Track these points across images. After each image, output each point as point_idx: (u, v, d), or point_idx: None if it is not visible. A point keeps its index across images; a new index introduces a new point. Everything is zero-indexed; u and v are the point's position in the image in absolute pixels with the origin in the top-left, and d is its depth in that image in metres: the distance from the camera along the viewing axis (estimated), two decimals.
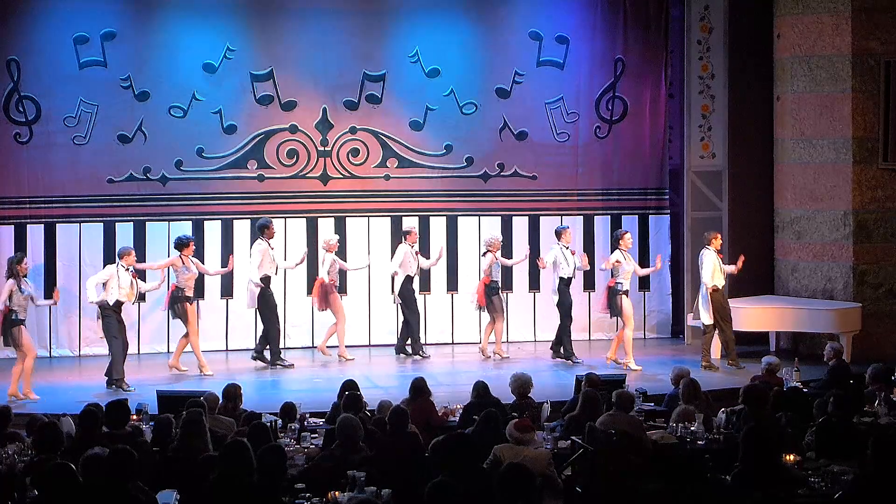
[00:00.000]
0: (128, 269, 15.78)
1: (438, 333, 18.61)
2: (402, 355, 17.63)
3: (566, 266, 17.13)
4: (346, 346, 17.59)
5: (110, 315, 15.69)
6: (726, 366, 16.62)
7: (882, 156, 17.64)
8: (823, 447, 10.11)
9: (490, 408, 11.04)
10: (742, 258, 17.05)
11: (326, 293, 17.36)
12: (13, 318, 14.92)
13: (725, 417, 11.36)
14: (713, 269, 16.64)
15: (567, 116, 18.72)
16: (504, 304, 17.76)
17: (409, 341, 17.65)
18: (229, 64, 18.03)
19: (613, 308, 16.87)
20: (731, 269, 17.05)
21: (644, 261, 18.58)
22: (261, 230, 17.08)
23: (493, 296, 17.45)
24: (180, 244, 16.50)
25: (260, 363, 16.98)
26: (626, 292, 16.81)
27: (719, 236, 17.02)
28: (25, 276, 15.18)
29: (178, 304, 16.35)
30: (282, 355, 17.02)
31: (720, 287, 16.72)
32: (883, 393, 12.32)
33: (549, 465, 9.58)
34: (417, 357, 17.47)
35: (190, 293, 16.45)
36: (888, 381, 12.96)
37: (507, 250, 18.45)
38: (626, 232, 17.28)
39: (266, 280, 16.96)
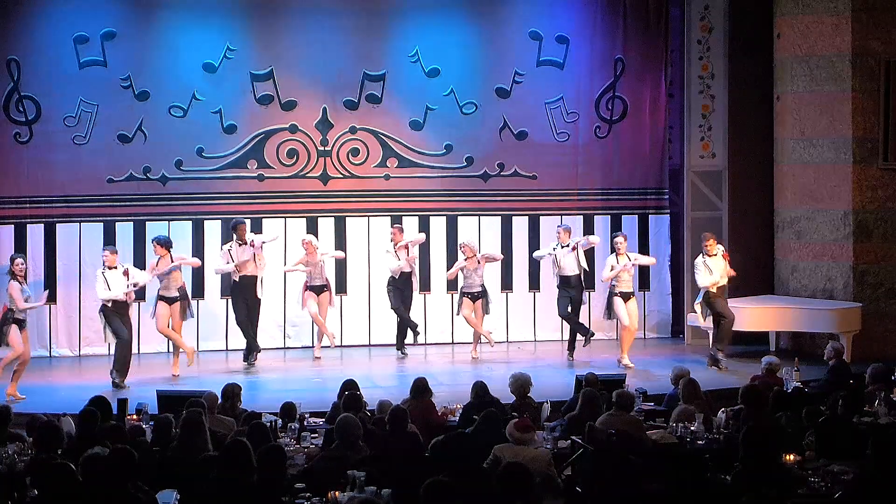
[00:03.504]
0: (112, 268, 15.77)
1: (438, 333, 18.61)
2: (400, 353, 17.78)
3: (555, 266, 17.15)
4: (345, 346, 17.92)
5: (108, 312, 15.78)
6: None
7: (882, 156, 17.63)
8: (823, 447, 10.11)
9: (490, 407, 11.04)
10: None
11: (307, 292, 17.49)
12: (10, 316, 14.97)
13: (725, 417, 11.37)
14: (704, 271, 16.64)
15: (567, 116, 18.72)
16: (472, 313, 17.43)
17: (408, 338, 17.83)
18: (229, 64, 18.04)
19: (609, 310, 16.96)
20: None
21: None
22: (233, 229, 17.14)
23: (460, 299, 17.54)
24: (166, 244, 16.46)
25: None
26: (620, 294, 16.83)
27: (711, 241, 16.84)
28: (18, 276, 15.18)
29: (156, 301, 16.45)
30: (254, 357, 17.01)
31: (719, 285, 16.69)
32: (883, 393, 12.30)
33: (549, 465, 9.58)
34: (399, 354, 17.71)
35: (167, 293, 16.36)
36: (888, 381, 12.95)
37: (507, 250, 18.50)
38: (616, 236, 17.23)
39: (242, 280, 16.92)
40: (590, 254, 17.64)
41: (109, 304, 15.76)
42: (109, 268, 15.80)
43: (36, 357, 16.66)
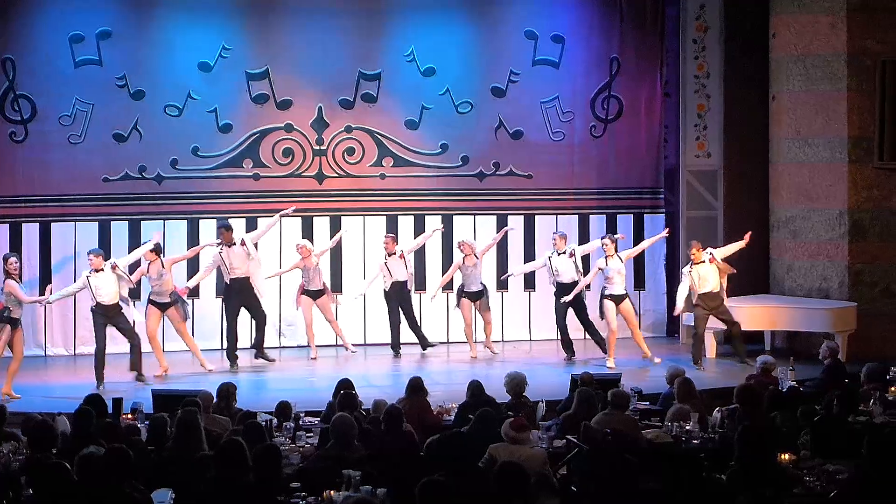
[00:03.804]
0: (99, 271, 15.75)
1: (434, 333, 18.58)
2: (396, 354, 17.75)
3: (552, 273, 17.20)
4: (340, 346, 17.96)
5: (94, 316, 15.88)
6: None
7: (877, 155, 17.64)
8: (819, 446, 10.11)
9: (485, 407, 11.04)
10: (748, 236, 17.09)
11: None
12: (6, 315, 14.99)
13: (720, 416, 11.37)
14: (684, 282, 16.77)
15: (562, 115, 18.72)
16: (472, 311, 17.59)
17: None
18: (225, 63, 18.02)
19: (601, 311, 17.05)
20: (740, 244, 17.03)
21: (639, 261, 18.61)
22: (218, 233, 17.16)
23: (458, 298, 17.61)
24: (156, 249, 16.48)
25: (261, 360, 17.01)
26: (609, 296, 16.88)
27: (696, 250, 16.85)
28: (13, 275, 15.18)
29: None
30: (234, 362, 16.98)
31: (707, 293, 16.72)
32: (878, 392, 12.31)
33: (544, 464, 9.57)
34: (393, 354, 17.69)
35: (159, 299, 16.36)
36: (883, 381, 12.97)
37: (503, 249, 18.50)
38: (604, 238, 17.25)
39: (235, 282, 16.89)
40: (584, 258, 17.62)
41: (96, 306, 15.79)
42: (96, 271, 15.78)
43: (31, 356, 16.63)
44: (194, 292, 17.53)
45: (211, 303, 18.06)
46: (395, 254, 17.54)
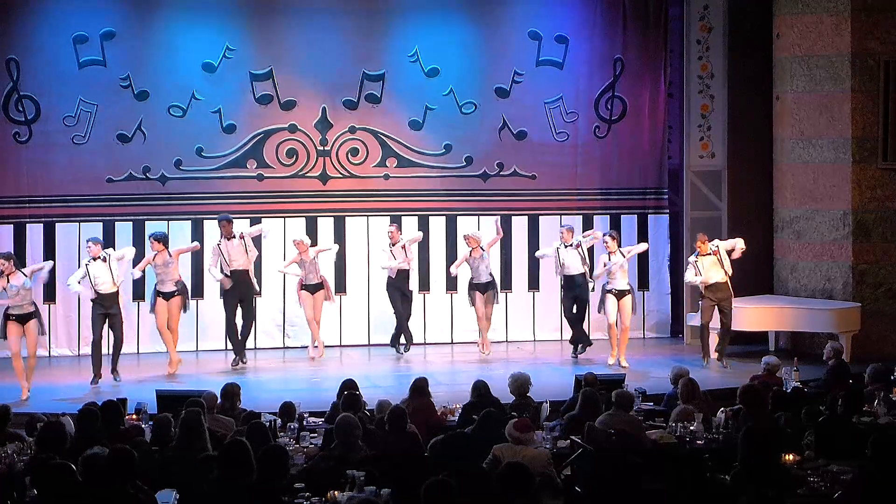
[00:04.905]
0: (95, 260, 15.78)
1: (438, 333, 18.61)
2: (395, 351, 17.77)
3: (558, 265, 17.20)
4: (344, 346, 18.11)
5: (94, 307, 15.96)
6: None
7: (881, 155, 17.64)
8: (823, 447, 10.11)
9: (489, 407, 11.04)
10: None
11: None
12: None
13: (724, 417, 11.37)
14: (691, 269, 16.77)
15: (566, 116, 18.72)
16: (484, 303, 17.56)
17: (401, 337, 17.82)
18: (228, 63, 18.04)
19: (601, 304, 17.07)
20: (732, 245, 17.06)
21: (643, 262, 18.63)
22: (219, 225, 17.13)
23: (470, 292, 17.57)
24: (163, 239, 16.49)
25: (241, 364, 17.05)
26: (611, 291, 16.88)
27: (702, 242, 16.88)
28: (6, 273, 15.17)
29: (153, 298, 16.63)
30: (244, 357, 16.97)
31: (709, 283, 16.75)
32: (882, 393, 12.31)
33: (548, 464, 9.58)
34: (395, 352, 17.66)
35: (163, 288, 16.39)
36: (888, 381, 12.96)
37: (506, 249, 18.50)
38: (605, 234, 17.27)
39: (234, 274, 16.88)
40: (589, 252, 17.64)
41: (95, 297, 15.83)
42: (94, 259, 15.84)
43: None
44: (198, 292, 17.53)
45: (215, 303, 18.03)
46: (398, 243, 17.55)
